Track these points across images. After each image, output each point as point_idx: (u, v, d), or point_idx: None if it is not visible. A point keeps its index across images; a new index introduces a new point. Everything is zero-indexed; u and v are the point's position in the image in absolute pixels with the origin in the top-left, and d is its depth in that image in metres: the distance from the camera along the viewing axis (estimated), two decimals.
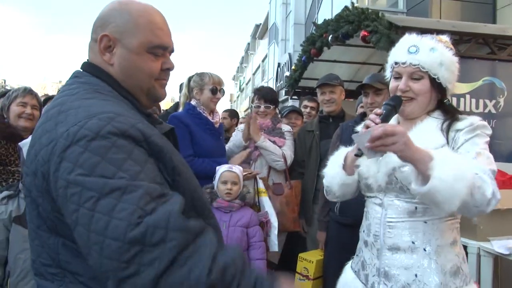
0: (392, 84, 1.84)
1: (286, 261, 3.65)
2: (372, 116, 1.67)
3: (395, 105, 1.75)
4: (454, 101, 4.32)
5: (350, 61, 7.07)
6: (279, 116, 4.47)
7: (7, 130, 2.96)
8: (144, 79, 1.34)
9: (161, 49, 1.34)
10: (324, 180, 2.01)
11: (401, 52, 1.82)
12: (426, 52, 1.76)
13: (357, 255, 1.97)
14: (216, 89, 3.46)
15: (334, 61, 6.82)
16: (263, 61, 32.71)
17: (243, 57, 48.44)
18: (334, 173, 1.93)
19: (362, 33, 4.46)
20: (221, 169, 3.13)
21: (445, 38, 1.85)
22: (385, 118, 1.68)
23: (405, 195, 1.74)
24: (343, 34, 4.93)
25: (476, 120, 1.75)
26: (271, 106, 3.80)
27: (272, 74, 24.46)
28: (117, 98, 1.28)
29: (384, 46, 4.23)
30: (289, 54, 17.78)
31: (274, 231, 3.22)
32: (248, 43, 43.23)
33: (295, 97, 7.54)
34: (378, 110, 1.69)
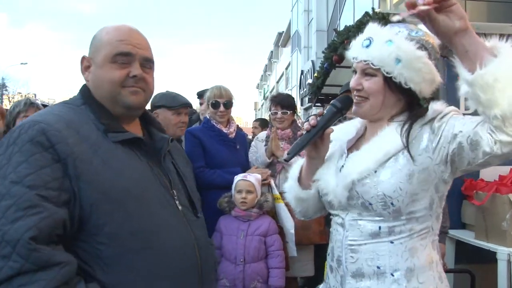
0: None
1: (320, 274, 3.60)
2: (311, 117, 1.53)
3: (341, 108, 1.55)
4: None
5: None
6: (302, 124, 4.43)
7: None
8: (108, 88, 1.45)
9: (120, 56, 1.44)
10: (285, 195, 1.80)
11: (356, 45, 1.56)
12: (379, 45, 1.47)
13: (324, 282, 1.72)
14: (217, 103, 3.43)
15: None
16: (286, 68, 32.72)
17: (266, 65, 48.57)
18: (289, 186, 1.73)
19: None
20: (236, 178, 3.13)
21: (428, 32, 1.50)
22: (326, 122, 1.52)
23: (368, 212, 1.49)
24: None
25: (442, 106, 1.49)
26: (288, 112, 3.76)
27: (295, 81, 24.40)
28: (79, 110, 1.44)
29: None
30: (312, 61, 17.69)
31: (292, 238, 3.22)
32: (271, 51, 43.34)
33: (319, 104, 7.50)
34: (321, 111, 1.55)
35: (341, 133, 1.69)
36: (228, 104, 3.48)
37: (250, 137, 7.12)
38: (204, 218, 1.64)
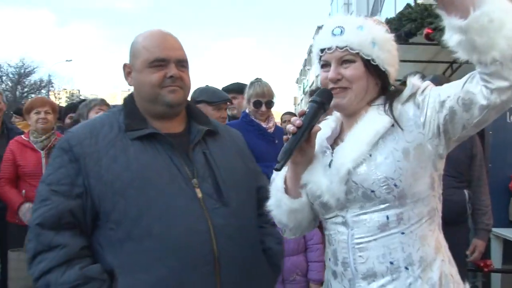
0: (322, 76, 1.53)
1: None
2: (293, 118, 1.43)
3: (322, 102, 1.46)
4: None
5: (415, 59, 6.80)
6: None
7: None
8: (149, 90, 1.61)
9: (156, 61, 1.59)
10: (271, 214, 1.61)
11: (325, 36, 1.51)
12: (353, 31, 1.46)
13: None
14: (260, 103, 3.40)
15: (399, 60, 6.61)
16: None
17: (306, 60, 48.19)
18: (276, 201, 1.55)
19: (426, 30, 4.30)
20: (274, 174, 3.11)
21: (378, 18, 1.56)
22: (310, 119, 1.42)
23: (371, 202, 1.40)
24: (406, 32, 4.78)
25: (419, 81, 1.45)
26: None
27: None
28: (113, 114, 1.66)
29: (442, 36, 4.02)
30: None
31: None
32: (311, 45, 42.83)
33: None
34: (302, 110, 1.48)
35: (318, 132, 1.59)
36: (270, 104, 3.46)
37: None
38: (241, 207, 1.64)
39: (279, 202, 1.54)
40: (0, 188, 3.59)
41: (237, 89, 4.18)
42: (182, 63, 1.64)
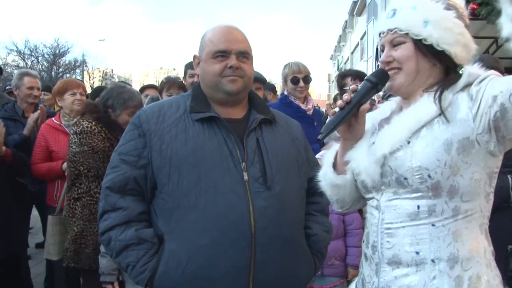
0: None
1: None
2: (345, 94, 1.45)
3: (376, 82, 1.45)
4: None
5: None
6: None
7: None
8: (211, 78, 1.77)
9: (219, 53, 1.74)
10: (319, 184, 1.67)
11: (381, 20, 1.53)
12: (405, 12, 1.44)
13: (360, 271, 1.63)
14: (297, 79, 3.43)
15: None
16: (361, 39, 31.65)
17: (340, 36, 47.30)
18: (323, 173, 1.62)
19: (471, 6, 4.08)
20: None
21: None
22: (360, 97, 1.43)
23: (404, 189, 1.38)
24: None
25: (479, 69, 1.37)
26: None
27: (371, 52, 23.58)
28: (182, 98, 1.84)
29: (497, 18, 3.84)
30: None
31: None
32: (346, 21, 42.01)
33: None
34: (354, 86, 1.46)
35: (376, 113, 1.62)
36: (307, 79, 3.49)
37: (324, 110, 7.04)
38: (285, 192, 1.73)
39: (325, 175, 1.61)
40: (34, 170, 3.46)
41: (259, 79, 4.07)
42: (243, 55, 1.78)
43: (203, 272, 1.62)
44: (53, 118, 3.65)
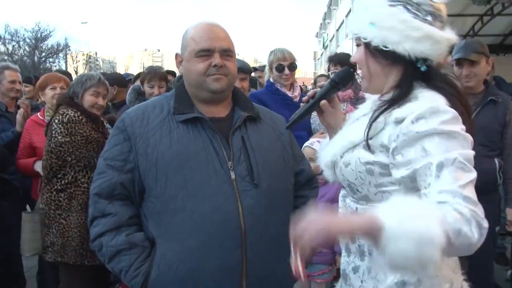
0: None
1: None
2: (310, 92, 1.55)
3: (337, 82, 1.53)
4: None
5: None
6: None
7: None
8: (195, 77, 1.75)
9: (203, 51, 1.72)
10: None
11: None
12: (357, 14, 1.44)
13: None
14: (282, 66, 3.40)
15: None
16: (347, 16, 31.43)
17: (325, 13, 46.92)
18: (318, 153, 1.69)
19: None
20: (303, 146, 3.09)
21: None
22: (321, 95, 1.53)
23: (355, 195, 1.46)
24: None
25: (423, 106, 1.27)
26: None
27: None
28: (165, 98, 1.82)
29: (481, 0, 3.85)
30: None
31: None
32: None
33: None
34: (323, 83, 1.51)
35: (360, 108, 1.60)
36: (293, 67, 3.45)
37: (310, 88, 6.99)
38: (272, 188, 1.74)
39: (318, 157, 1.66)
40: (18, 166, 3.47)
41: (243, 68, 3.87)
42: (227, 52, 1.76)
43: (194, 274, 1.63)
44: (38, 114, 3.63)
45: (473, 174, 1.19)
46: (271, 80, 3.48)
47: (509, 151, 3.00)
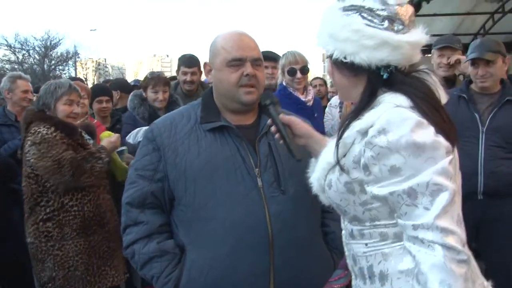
0: None
1: None
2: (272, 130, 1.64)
3: (266, 104, 1.68)
4: None
5: (452, 12, 6.50)
6: None
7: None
8: (227, 87, 1.76)
9: (235, 61, 1.73)
10: None
11: None
12: (319, 26, 1.41)
13: None
14: (294, 70, 3.36)
15: (434, 14, 6.33)
16: None
17: None
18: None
19: None
20: None
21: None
22: (276, 124, 1.62)
23: (346, 216, 1.42)
24: None
25: (383, 116, 1.20)
26: None
27: None
28: (192, 107, 1.85)
29: None
30: None
31: None
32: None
33: None
34: (271, 122, 1.65)
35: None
36: (305, 70, 3.41)
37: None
38: (299, 194, 1.73)
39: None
40: None
41: (269, 57, 3.87)
42: (257, 62, 1.78)
43: (224, 279, 1.67)
44: None
45: (449, 192, 1.14)
46: (284, 83, 3.45)
47: None
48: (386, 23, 1.29)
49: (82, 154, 2.72)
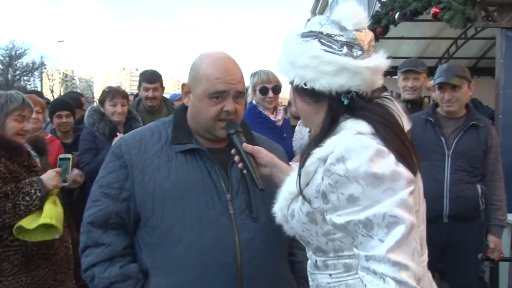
0: None
1: None
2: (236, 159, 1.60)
3: (233, 133, 1.63)
4: None
5: (419, 36, 6.69)
6: None
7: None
8: (205, 120, 1.68)
9: (217, 94, 1.64)
10: None
11: None
12: (280, 51, 1.38)
13: None
14: (266, 89, 3.33)
15: (401, 37, 6.48)
16: None
17: None
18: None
19: (433, 10, 4.17)
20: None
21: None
22: (239, 152, 1.59)
23: (309, 247, 1.38)
24: (412, 11, 4.65)
25: (342, 143, 1.18)
26: None
27: None
28: (163, 125, 1.77)
29: (458, 23, 3.93)
30: None
31: None
32: (308, 19, 42.25)
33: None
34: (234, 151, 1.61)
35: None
36: (277, 89, 3.39)
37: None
38: (270, 223, 1.62)
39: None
40: None
41: None
42: (240, 95, 1.70)
43: None
44: None
45: (405, 225, 1.11)
46: (254, 102, 3.41)
47: (491, 176, 3.01)
48: (344, 49, 1.27)
49: (5, 190, 2.37)
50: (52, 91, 35.12)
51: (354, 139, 1.18)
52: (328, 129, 1.29)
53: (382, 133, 1.21)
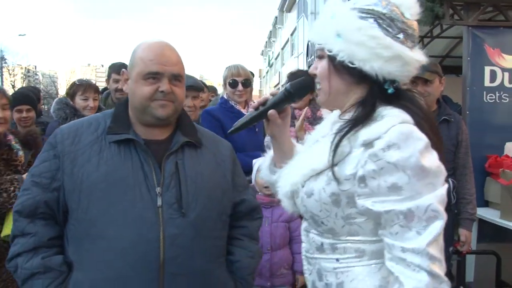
0: None
1: None
2: (262, 98, 1.46)
3: (291, 93, 1.41)
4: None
5: None
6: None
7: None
8: (139, 101, 1.64)
9: (151, 74, 1.61)
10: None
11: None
12: (322, 22, 1.31)
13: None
14: (236, 82, 3.31)
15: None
16: (291, 35, 32.13)
17: (271, 31, 47.75)
18: (261, 165, 1.60)
19: None
20: (257, 163, 2.96)
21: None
22: (272, 103, 1.42)
23: (312, 224, 1.35)
24: None
25: (393, 130, 1.16)
26: None
27: (302, 48, 23.99)
28: (103, 117, 1.72)
29: (427, 20, 3.98)
30: None
31: None
32: (276, 17, 42.45)
33: None
34: (275, 90, 1.44)
35: (321, 126, 1.53)
36: (247, 83, 3.36)
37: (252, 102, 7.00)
38: (201, 219, 1.63)
39: (261, 167, 1.62)
40: None
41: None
42: (176, 78, 1.66)
43: None
44: None
45: (442, 221, 1.13)
46: (225, 96, 3.38)
47: (461, 170, 3.07)
48: (401, 36, 1.24)
49: None
50: (13, 87, 33.85)
51: (406, 128, 1.16)
52: (369, 113, 1.25)
53: (423, 127, 1.20)
